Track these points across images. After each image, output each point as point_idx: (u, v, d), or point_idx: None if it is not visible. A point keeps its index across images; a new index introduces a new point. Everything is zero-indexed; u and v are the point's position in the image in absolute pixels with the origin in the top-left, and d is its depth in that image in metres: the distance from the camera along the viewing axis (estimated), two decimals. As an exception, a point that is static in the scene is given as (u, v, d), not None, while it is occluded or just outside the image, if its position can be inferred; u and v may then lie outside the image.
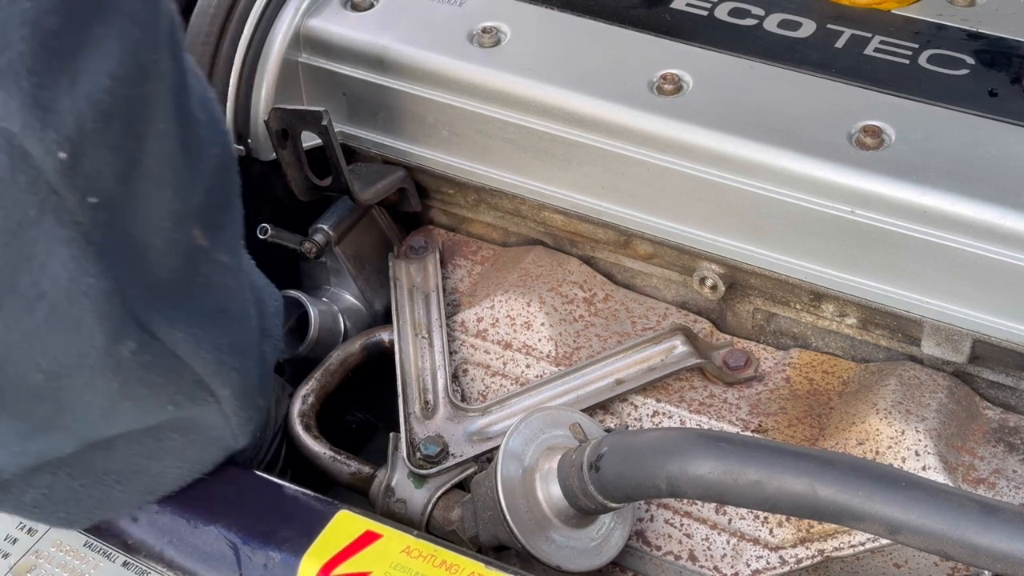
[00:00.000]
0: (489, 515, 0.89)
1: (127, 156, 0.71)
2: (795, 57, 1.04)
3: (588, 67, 1.05)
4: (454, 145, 1.11)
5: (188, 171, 0.77)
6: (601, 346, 1.06)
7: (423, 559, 0.79)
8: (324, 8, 1.13)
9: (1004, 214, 0.90)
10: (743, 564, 0.96)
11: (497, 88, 1.06)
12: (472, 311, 1.10)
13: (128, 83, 0.70)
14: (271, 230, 1.14)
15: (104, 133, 0.69)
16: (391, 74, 1.10)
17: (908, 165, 0.94)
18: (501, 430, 1.00)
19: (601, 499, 0.84)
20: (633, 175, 1.03)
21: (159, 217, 0.75)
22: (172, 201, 0.76)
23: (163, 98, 0.73)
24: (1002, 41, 1.05)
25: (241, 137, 1.13)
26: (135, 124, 0.71)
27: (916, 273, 0.95)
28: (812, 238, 0.98)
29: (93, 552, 0.82)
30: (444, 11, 1.12)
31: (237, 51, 1.10)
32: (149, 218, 0.74)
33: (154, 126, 0.73)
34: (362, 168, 1.16)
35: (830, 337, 1.06)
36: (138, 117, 0.72)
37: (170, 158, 0.75)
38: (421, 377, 1.05)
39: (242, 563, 0.80)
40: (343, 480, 1.03)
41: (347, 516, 0.81)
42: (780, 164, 0.97)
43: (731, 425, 1.00)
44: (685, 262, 1.07)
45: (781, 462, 0.75)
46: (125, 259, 0.73)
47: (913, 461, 0.93)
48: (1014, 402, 1.01)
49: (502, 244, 1.18)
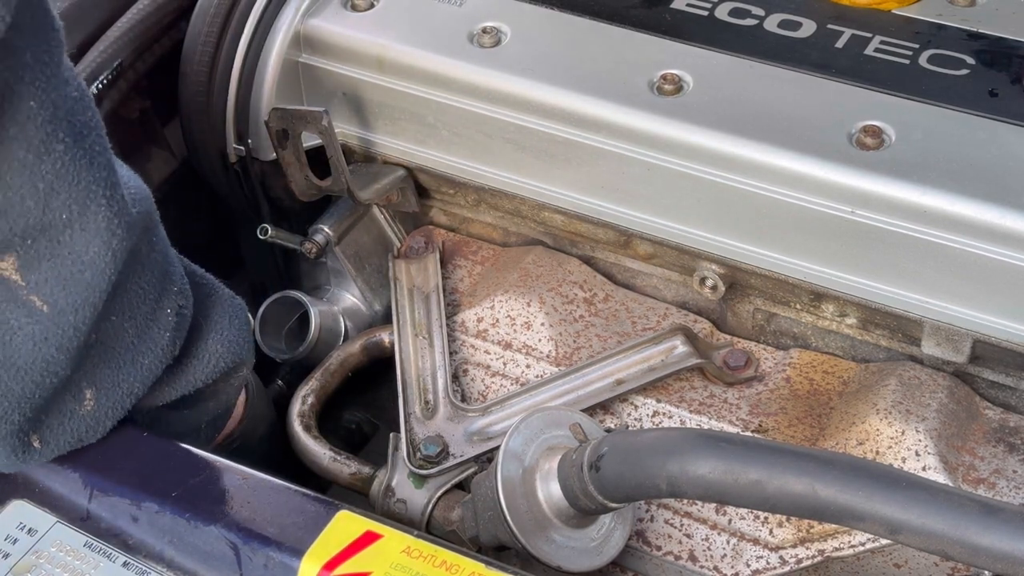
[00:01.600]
0: (489, 515, 0.89)
1: None
2: (795, 57, 1.04)
3: (588, 67, 1.05)
4: (454, 145, 1.11)
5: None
6: (601, 346, 1.06)
7: (423, 559, 0.79)
8: (324, 8, 1.13)
9: (1004, 214, 0.91)
10: (743, 564, 0.96)
11: (497, 88, 1.06)
12: (472, 311, 1.10)
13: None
14: (271, 230, 1.14)
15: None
16: (391, 74, 1.10)
17: (908, 165, 0.94)
18: (501, 430, 1.00)
19: (601, 499, 0.84)
20: (633, 175, 1.03)
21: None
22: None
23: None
24: (1002, 41, 1.05)
25: (241, 137, 1.13)
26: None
27: (916, 273, 0.95)
28: (812, 238, 0.98)
29: (93, 552, 0.82)
30: (444, 11, 1.12)
31: (237, 51, 1.11)
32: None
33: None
34: (362, 168, 1.16)
35: (830, 337, 1.06)
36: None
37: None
38: (421, 377, 1.05)
39: (242, 563, 0.80)
40: (343, 480, 1.03)
41: (347, 516, 0.81)
42: (780, 164, 0.97)
43: (731, 425, 1.00)
44: (685, 262, 1.07)
45: (781, 462, 0.75)
46: None
47: (913, 461, 0.93)
48: (1014, 402, 1.01)
49: (502, 244, 1.18)
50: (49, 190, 0.76)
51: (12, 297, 0.78)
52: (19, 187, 0.75)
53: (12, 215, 0.75)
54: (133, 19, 1.11)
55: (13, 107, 0.73)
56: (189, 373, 0.90)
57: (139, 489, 0.84)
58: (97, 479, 0.85)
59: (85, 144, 0.77)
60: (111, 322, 0.83)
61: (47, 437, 0.83)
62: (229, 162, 1.15)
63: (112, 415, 0.86)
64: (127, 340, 0.84)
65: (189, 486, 0.85)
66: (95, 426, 0.85)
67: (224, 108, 1.12)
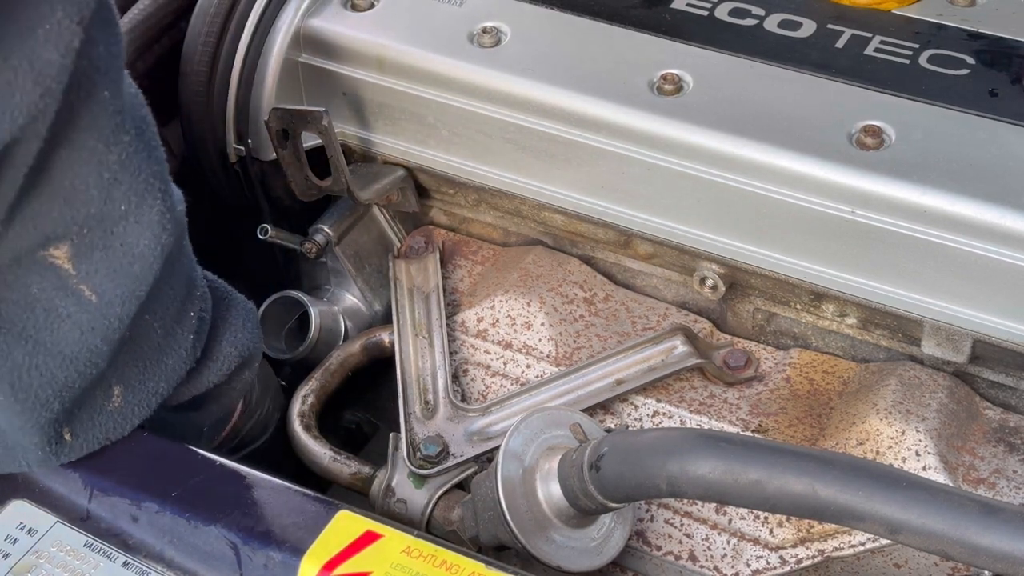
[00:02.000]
0: (489, 515, 0.89)
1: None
2: (795, 57, 1.04)
3: (588, 67, 1.05)
4: (454, 145, 1.11)
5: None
6: (601, 346, 1.06)
7: (423, 559, 0.78)
8: (324, 8, 1.13)
9: (1004, 214, 0.90)
10: (743, 564, 0.96)
11: (497, 88, 1.06)
12: (472, 311, 1.10)
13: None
14: (271, 230, 1.14)
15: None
16: (391, 74, 1.10)
17: (908, 165, 0.94)
18: (501, 430, 1.00)
19: (601, 499, 0.84)
20: (633, 175, 1.03)
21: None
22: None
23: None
24: (1002, 41, 1.05)
25: (241, 137, 1.13)
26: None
27: (916, 273, 0.95)
28: (812, 238, 0.98)
29: (93, 552, 0.82)
30: (444, 11, 1.12)
31: (237, 51, 1.11)
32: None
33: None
34: (362, 168, 1.16)
35: (830, 337, 1.06)
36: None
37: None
38: (421, 377, 1.05)
39: (242, 563, 0.80)
40: (343, 480, 1.03)
41: (347, 516, 0.81)
42: (780, 164, 0.97)
43: (731, 425, 1.00)
44: (685, 262, 1.07)
45: (781, 462, 0.75)
46: None
47: (913, 461, 0.93)
48: (1014, 402, 1.01)
49: (502, 244, 1.18)
50: (113, 180, 0.77)
51: (62, 286, 0.79)
52: (86, 175, 0.76)
53: (76, 203, 0.77)
54: (134, 19, 1.11)
55: (89, 96, 0.74)
56: (204, 375, 0.91)
57: (139, 489, 0.84)
58: (97, 479, 0.85)
59: (144, 137, 0.80)
60: (144, 320, 0.84)
61: (78, 431, 0.84)
62: (229, 162, 1.15)
63: (138, 413, 0.87)
64: (155, 340, 0.85)
65: (189, 486, 0.85)
66: (122, 423, 0.86)
67: (224, 108, 1.12)
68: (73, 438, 0.84)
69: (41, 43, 0.69)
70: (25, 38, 0.69)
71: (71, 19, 0.70)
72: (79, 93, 0.74)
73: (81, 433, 0.84)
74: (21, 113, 0.69)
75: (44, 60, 0.70)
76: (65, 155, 0.75)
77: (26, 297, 0.79)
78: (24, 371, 0.79)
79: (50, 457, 0.84)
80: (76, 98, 0.73)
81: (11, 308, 0.79)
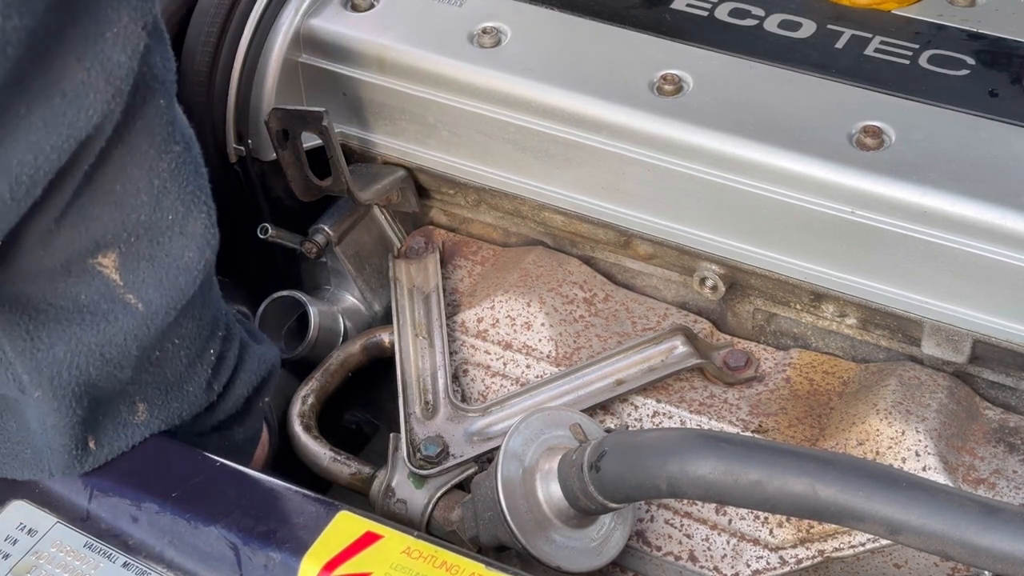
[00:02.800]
0: (489, 515, 0.89)
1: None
2: (795, 57, 1.04)
3: (588, 67, 1.05)
4: (454, 145, 1.11)
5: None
6: (601, 346, 1.06)
7: (423, 560, 0.79)
8: (324, 8, 1.13)
9: (1004, 214, 0.91)
10: (743, 564, 0.96)
11: (497, 88, 1.06)
12: (472, 311, 1.10)
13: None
14: (271, 230, 1.14)
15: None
16: (391, 74, 1.10)
17: (908, 165, 0.94)
18: (501, 430, 1.00)
19: (601, 499, 0.84)
20: (633, 175, 1.03)
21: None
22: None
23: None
24: (1002, 41, 1.05)
25: (241, 137, 1.13)
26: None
27: (916, 273, 0.95)
28: (812, 238, 0.98)
29: (93, 553, 0.82)
30: (444, 11, 1.12)
31: (237, 51, 1.11)
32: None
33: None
34: (362, 168, 1.16)
35: (830, 337, 1.06)
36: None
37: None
38: (421, 377, 1.05)
39: (242, 563, 0.80)
40: (343, 480, 1.03)
41: (347, 517, 0.81)
42: (780, 164, 0.97)
43: (731, 425, 1.00)
44: (685, 262, 1.07)
45: (782, 462, 0.75)
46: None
47: (913, 461, 0.93)
48: (1014, 402, 1.01)
49: (502, 244, 1.18)
50: (163, 188, 0.78)
51: (110, 295, 0.80)
52: (137, 179, 0.77)
53: (127, 207, 0.78)
54: None
55: (146, 102, 0.76)
56: (213, 412, 0.92)
57: (139, 489, 0.84)
58: (97, 479, 0.85)
59: (193, 152, 0.81)
60: (173, 344, 0.85)
61: (102, 440, 0.85)
62: (229, 162, 1.15)
63: (159, 429, 0.88)
64: (179, 367, 0.86)
65: (189, 486, 0.85)
66: (143, 437, 0.87)
67: (224, 108, 1.12)
68: (97, 447, 0.85)
69: (110, 45, 0.71)
70: (96, 40, 0.70)
71: (136, 24, 0.72)
72: (136, 98, 0.75)
73: (106, 443, 0.85)
74: (96, 111, 0.71)
75: (114, 62, 0.71)
76: (119, 157, 0.76)
77: (75, 304, 0.80)
78: (64, 367, 0.80)
79: (74, 464, 0.85)
80: (134, 102, 0.75)
81: (59, 312, 0.80)
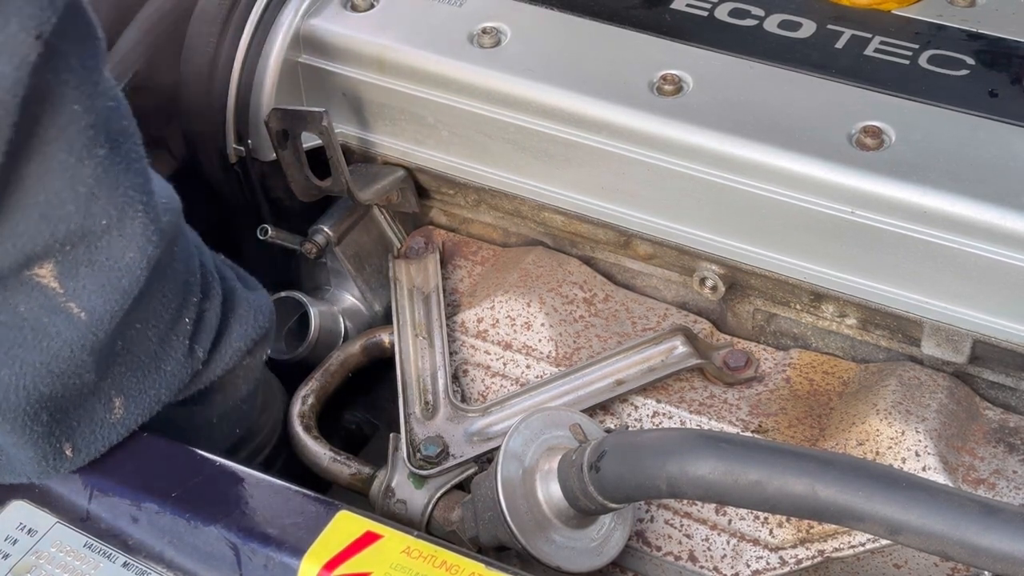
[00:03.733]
0: (489, 515, 0.89)
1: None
2: (795, 57, 1.04)
3: (588, 67, 1.05)
4: (454, 145, 1.11)
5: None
6: (601, 346, 1.06)
7: (423, 560, 0.79)
8: (324, 8, 1.13)
9: (1004, 214, 0.90)
10: (743, 565, 0.96)
11: (497, 88, 1.06)
12: (472, 311, 1.10)
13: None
14: (271, 230, 1.14)
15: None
16: (391, 74, 1.10)
17: (908, 165, 0.94)
18: (501, 431, 1.00)
19: (601, 500, 0.84)
20: (633, 175, 1.03)
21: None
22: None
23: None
24: (1002, 41, 1.05)
25: (241, 137, 1.13)
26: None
27: (916, 273, 0.95)
28: (812, 238, 0.98)
29: (93, 552, 0.82)
30: (444, 11, 1.12)
31: (237, 51, 1.11)
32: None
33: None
34: (362, 168, 1.16)
35: (830, 337, 1.06)
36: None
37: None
38: (421, 378, 1.05)
39: (242, 563, 0.80)
40: (343, 481, 1.03)
41: (347, 516, 0.81)
42: (780, 164, 0.97)
43: (731, 426, 1.00)
44: (685, 262, 1.07)
45: (781, 462, 0.75)
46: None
47: (913, 461, 0.93)
48: (1014, 402, 1.01)
49: (502, 244, 1.18)
50: (90, 195, 0.77)
51: (50, 305, 0.78)
52: (59, 190, 0.75)
53: (53, 218, 0.76)
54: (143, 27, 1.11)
55: (56, 110, 0.74)
56: (208, 371, 0.91)
57: (139, 489, 0.85)
58: (97, 479, 0.85)
59: (123, 150, 0.79)
60: (136, 330, 0.84)
61: (79, 445, 0.84)
62: (229, 162, 1.15)
63: (139, 422, 0.87)
64: (151, 348, 0.85)
65: (189, 486, 0.85)
66: (124, 433, 0.86)
67: (224, 108, 1.12)
68: (75, 453, 0.84)
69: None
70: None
71: (27, 33, 0.69)
72: (44, 106, 0.73)
73: (83, 447, 0.85)
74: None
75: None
76: (35, 170, 0.74)
77: (14, 318, 0.78)
78: (12, 391, 0.79)
79: (49, 471, 0.84)
80: (42, 111, 0.73)
81: (1, 332, 0.78)
